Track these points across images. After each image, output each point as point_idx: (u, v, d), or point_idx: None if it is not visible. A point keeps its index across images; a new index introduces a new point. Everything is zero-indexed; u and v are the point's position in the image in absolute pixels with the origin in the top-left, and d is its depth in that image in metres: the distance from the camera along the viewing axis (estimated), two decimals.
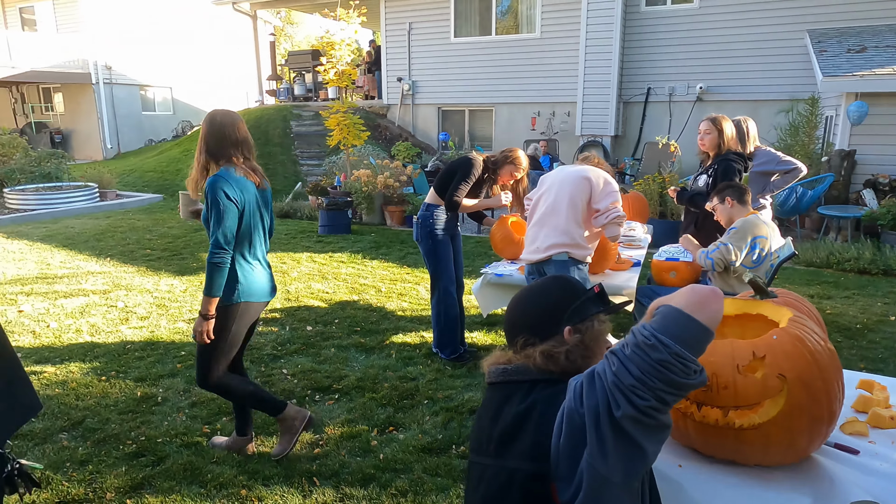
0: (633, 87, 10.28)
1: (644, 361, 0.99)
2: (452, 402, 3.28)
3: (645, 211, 5.01)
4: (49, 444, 2.85)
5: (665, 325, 1.02)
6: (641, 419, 0.99)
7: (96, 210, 9.71)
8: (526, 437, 1.15)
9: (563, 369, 1.23)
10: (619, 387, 1.00)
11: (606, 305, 1.34)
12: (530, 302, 1.35)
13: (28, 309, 4.77)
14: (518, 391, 1.23)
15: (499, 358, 1.33)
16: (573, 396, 1.09)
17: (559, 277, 1.41)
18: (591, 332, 1.29)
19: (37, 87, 18.11)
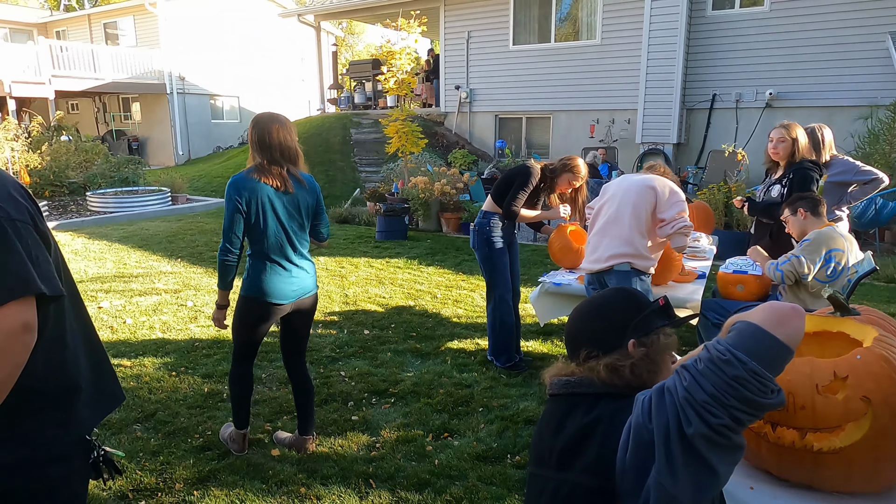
0: (698, 93, 9.97)
1: (718, 377, 0.95)
2: (508, 411, 3.26)
3: (710, 221, 4.84)
4: (124, 434, 3.02)
5: (742, 341, 0.98)
6: (714, 438, 0.95)
7: (168, 213, 10.22)
8: (590, 451, 1.13)
9: (629, 383, 1.21)
10: (691, 403, 0.97)
11: (672, 319, 1.31)
12: (593, 314, 1.34)
13: (106, 305, 5.07)
14: (581, 404, 1.21)
15: (561, 369, 1.31)
16: (641, 411, 1.06)
17: (623, 289, 1.39)
18: (657, 345, 1.26)
19: (117, 97, 19.28)
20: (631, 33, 10.36)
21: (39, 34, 18.65)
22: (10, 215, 1.13)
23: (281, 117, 2.62)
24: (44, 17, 20.36)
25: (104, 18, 19.12)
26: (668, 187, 2.98)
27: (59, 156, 11.26)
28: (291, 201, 2.59)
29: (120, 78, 16.71)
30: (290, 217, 2.59)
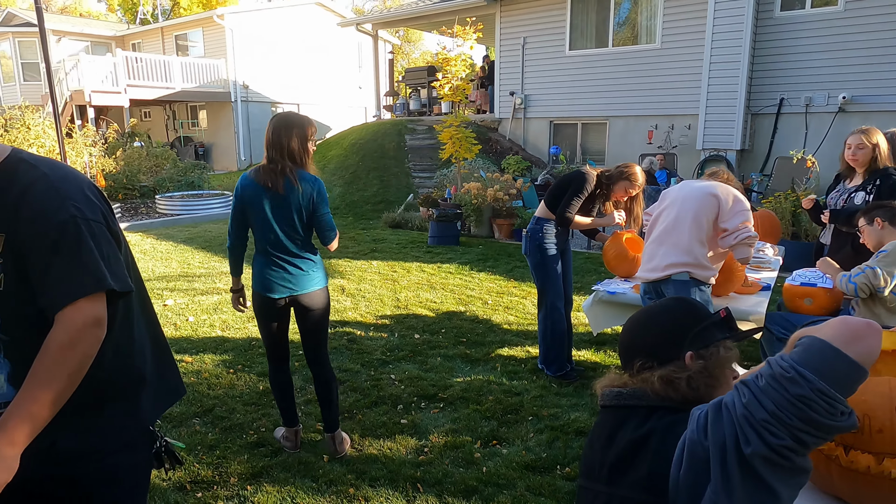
0: (764, 97, 9.56)
1: (781, 395, 0.90)
2: (558, 421, 3.20)
3: (776, 231, 4.62)
4: (184, 427, 3.14)
5: (808, 357, 0.92)
6: (775, 459, 0.90)
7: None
8: (641, 466, 1.09)
9: (685, 397, 1.16)
10: (750, 421, 0.92)
11: (733, 331, 1.25)
12: (650, 323, 1.29)
13: (171, 303, 5.30)
14: (634, 416, 1.18)
15: (613, 380, 1.28)
16: (696, 427, 1.01)
17: (681, 299, 1.34)
18: (717, 358, 1.20)
19: (186, 105, 20.22)
20: (692, 36, 10.05)
21: (117, 46, 19.80)
22: (85, 215, 1.19)
23: (292, 117, 2.64)
24: (121, 31, 21.61)
25: (176, 31, 20.12)
26: (731, 195, 2.86)
27: (131, 161, 11.91)
28: (282, 201, 2.60)
29: (189, 87, 17.54)
30: (279, 216, 2.63)
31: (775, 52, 9.36)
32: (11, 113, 10.92)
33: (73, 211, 1.17)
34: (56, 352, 1.14)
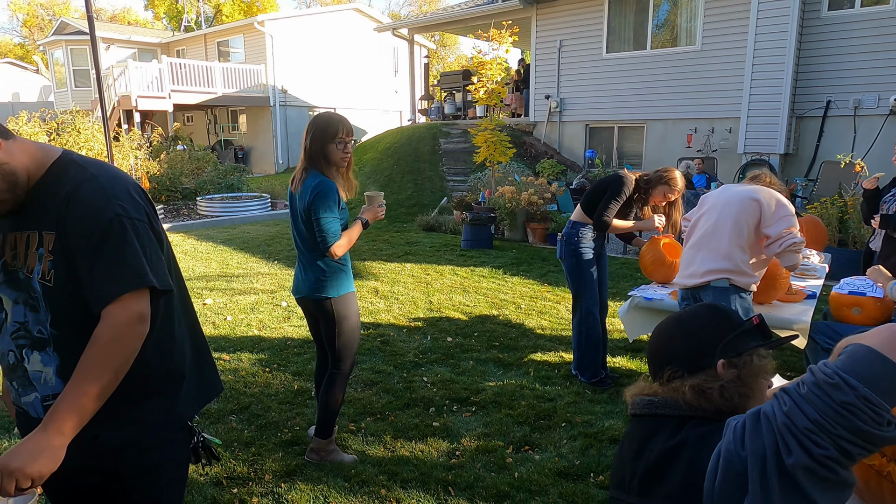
0: (809, 99, 9.26)
1: (824, 403, 0.85)
2: (592, 428, 3.15)
3: (822, 237, 4.46)
4: (221, 424, 3.20)
5: (853, 364, 0.87)
6: (818, 470, 0.85)
7: (268, 218, 10.83)
8: (673, 477, 1.06)
9: (718, 407, 1.12)
10: (792, 430, 0.87)
11: (768, 339, 1.21)
12: (680, 330, 1.26)
13: (210, 302, 5.43)
14: (665, 426, 1.14)
15: (643, 389, 1.25)
16: (733, 437, 0.97)
17: (713, 306, 1.30)
18: (750, 367, 1.16)
19: (227, 109, 20.75)
20: (734, 38, 9.81)
21: (162, 53, 20.47)
22: (130, 214, 1.23)
23: (318, 117, 2.61)
24: (167, 38, 22.31)
25: (218, 38, 20.67)
26: (773, 199, 2.77)
27: (174, 164, 12.27)
28: (295, 201, 2.68)
29: (230, 92, 17.99)
30: (293, 216, 2.71)
31: (822, 53, 9.06)
32: (63, 118, 11.38)
33: (118, 210, 1.21)
34: (102, 346, 1.18)
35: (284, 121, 19.26)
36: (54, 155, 1.27)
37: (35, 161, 1.24)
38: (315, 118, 2.63)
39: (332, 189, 2.51)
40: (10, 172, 1.20)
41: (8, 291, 1.28)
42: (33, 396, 1.30)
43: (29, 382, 1.30)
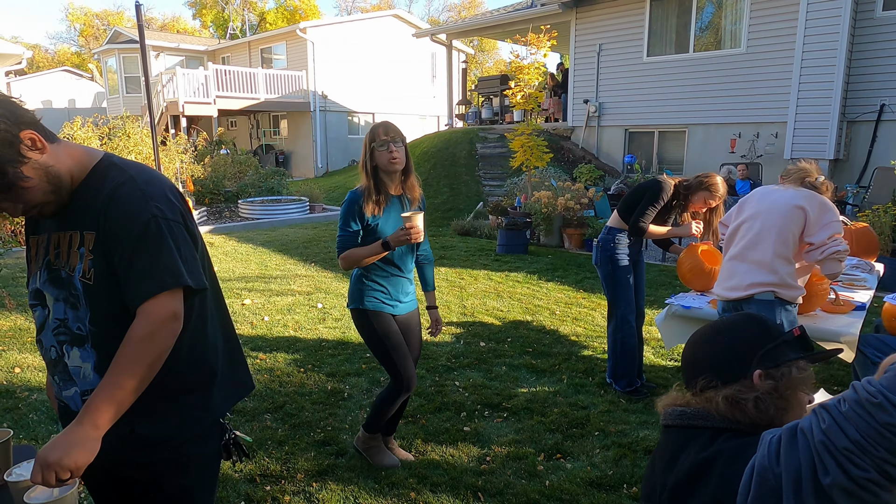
0: (862, 103, 8.90)
1: (866, 423, 0.81)
2: (626, 438, 3.09)
3: (874, 246, 4.26)
4: (256, 422, 3.26)
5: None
6: (857, 492, 0.82)
7: (306, 221, 11.02)
8: (705, 491, 1.03)
9: (753, 420, 1.09)
10: (830, 449, 0.84)
11: (809, 351, 1.17)
12: (715, 338, 1.22)
13: (248, 303, 5.55)
14: (698, 438, 1.11)
15: (676, 399, 1.22)
16: (767, 452, 0.94)
17: (751, 315, 1.27)
18: (788, 379, 1.12)
19: (269, 114, 21.24)
20: (782, 40, 9.51)
21: (209, 60, 21.10)
22: (166, 215, 1.27)
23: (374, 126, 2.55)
24: (213, 46, 23.02)
25: (262, 45, 21.21)
26: (817, 205, 2.63)
27: (218, 167, 12.62)
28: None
29: (272, 97, 18.43)
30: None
31: (876, 55, 8.69)
32: (114, 122, 11.84)
33: (155, 211, 1.25)
34: (137, 342, 1.21)
35: (324, 126, 19.59)
36: (96, 158, 1.32)
37: (78, 164, 1.29)
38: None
39: (347, 201, 2.46)
40: (55, 175, 1.25)
41: (51, 289, 1.33)
42: (73, 391, 1.35)
43: (69, 377, 1.35)
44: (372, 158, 2.45)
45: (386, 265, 2.57)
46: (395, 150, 2.41)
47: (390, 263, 2.57)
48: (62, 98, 27.63)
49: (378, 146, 2.42)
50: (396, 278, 2.61)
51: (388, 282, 2.59)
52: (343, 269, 2.43)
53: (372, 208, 2.43)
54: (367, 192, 2.44)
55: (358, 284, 2.60)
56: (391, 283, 2.60)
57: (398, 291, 2.63)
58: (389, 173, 2.47)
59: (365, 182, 2.46)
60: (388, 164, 2.43)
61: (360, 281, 2.59)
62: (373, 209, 2.43)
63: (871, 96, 8.81)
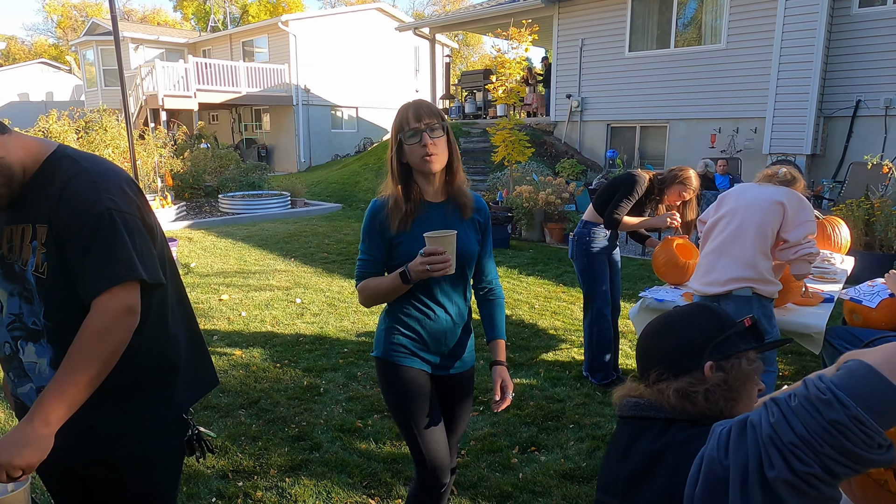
0: (838, 99, 9.03)
1: (813, 419, 0.82)
2: (600, 431, 3.11)
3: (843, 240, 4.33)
4: (230, 418, 3.24)
5: (849, 381, 0.83)
6: (800, 486, 0.82)
7: (287, 216, 10.94)
8: (656, 482, 1.04)
9: (702, 411, 1.10)
10: (776, 443, 0.84)
11: (760, 342, 1.17)
12: (667, 330, 1.22)
13: (226, 298, 5.50)
14: (650, 429, 1.12)
15: (630, 390, 1.22)
16: (717, 444, 0.94)
17: (704, 306, 1.26)
18: (738, 371, 1.13)
19: (251, 108, 21.02)
20: (760, 36, 9.61)
21: (189, 53, 20.82)
22: (120, 208, 1.25)
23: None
24: (193, 38, 22.69)
25: (243, 37, 20.96)
26: (797, 202, 2.66)
27: (198, 162, 12.46)
28: None
29: (254, 91, 18.22)
30: None
31: (852, 51, 8.82)
32: (91, 116, 11.64)
33: (109, 204, 1.23)
34: (91, 337, 1.19)
35: (307, 120, 19.44)
36: (49, 149, 1.29)
37: (30, 155, 1.26)
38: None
39: (367, 215, 1.77)
40: (5, 166, 1.22)
41: (4, 284, 1.30)
42: (28, 387, 1.33)
43: (24, 373, 1.32)
44: (400, 153, 1.72)
45: (422, 299, 1.79)
46: (430, 143, 1.67)
47: (429, 297, 1.79)
48: (39, 91, 27.10)
49: (408, 137, 1.69)
50: (438, 320, 1.80)
51: (423, 325, 1.80)
52: (361, 304, 1.83)
53: (399, 223, 1.72)
54: (393, 201, 1.73)
55: (383, 324, 1.87)
56: (429, 326, 1.80)
57: (439, 340, 1.82)
58: (425, 174, 1.75)
59: (392, 187, 1.75)
60: (421, 162, 1.69)
61: (385, 320, 1.86)
62: (400, 224, 1.72)
63: (847, 92, 8.94)
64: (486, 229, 1.88)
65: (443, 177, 1.78)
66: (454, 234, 1.63)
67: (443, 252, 1.59)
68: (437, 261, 1.59)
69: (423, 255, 1.60)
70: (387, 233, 1.74)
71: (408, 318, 1.80)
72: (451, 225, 1.77)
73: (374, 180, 12.98)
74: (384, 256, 1.77)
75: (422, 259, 1.60)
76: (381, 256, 1.77)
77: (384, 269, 1.79)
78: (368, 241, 1.77)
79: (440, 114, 1.73)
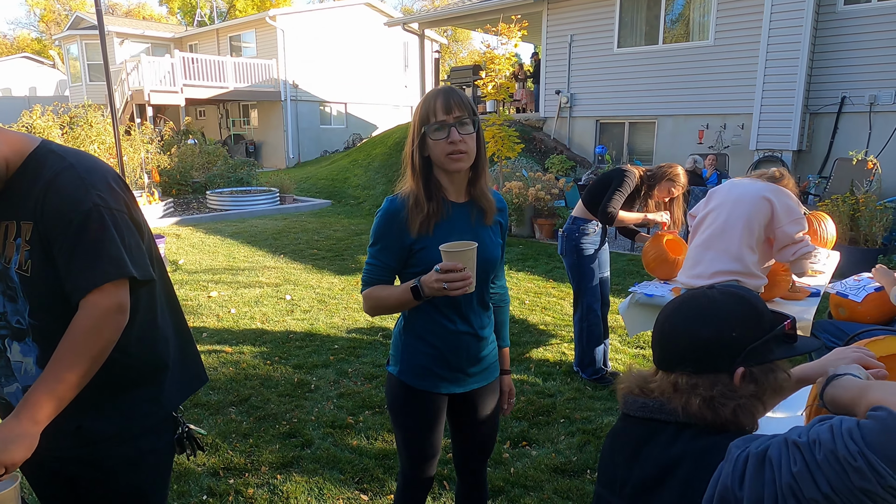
0: (824, 95, 9.12)
1: (840, 482, 0.75)
2: (590, 425, 3.13)
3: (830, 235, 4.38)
4: (220, 416, 3.22)
5: (882, 442, 0.74)
6: None
7: (276, 212, 10.87)
8: (668, 494, 0.98)
9: (724, 423, 0.99)
10: (797, 494, 0.78)
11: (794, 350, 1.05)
12: (701, 319, 1.04)
13: (215, 295, 5.46)
14: (662, 432, 1.04)
15: (638, 383, 1.12)
16: (732, 472, 0.87)
17: (743, 297, 1.08)
18: (772, 384, 1.01)
19: (238, 104, 20.84)
20: (748, 32, 9.68)
21: (175, 48, 20.57)
22: (109, 204, 1.23)
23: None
24: (180, 33, 22.44)
25: (230, 32, 20.75)
26: (786, 199, 2.68)
27: (185, 158, 12.34)
28: None
29: (241, 86, 18.07)
30: None
31: (838, 48, 8.91)
32: (76, 112, 11.49)
33: (97, 200, 1.21)
34: (80, 335, 1.18)
35: (295, 116, 19.32)
36: (33, 144, 1.26)
37: (14, 150, 1.24)
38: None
39: (381, 213, 1.59)
40: None
41: None
42: (15, 386, 1.31)
43: (10, 372, 1.30)
44: (423, 147, 1.54)
45: (443, 312, 1.62)
46: (459, 140, 1.50)
47: (453, 310, 1.62)
48: (22, 86, 26.70)
49: (433, 131, 1.51)
50: (460, 335, 1.65)
51: (443, 340, 1.64)
52: (366, 312, 1.66)
53: (420, 225, 1.54)
54: (413, 199, 1.56)
55: (401, 338, 1.70)
56: (451, 343, 1.64)
57: (461, 357, 1.66)
58: (450, 173, 1.57)
59: (411, 184, 1.57)
60: (447, 160, 1.52)
61: (403, 333, 1.69)
62: (421, 227, 1.55)
63: (832, 89, 9.03)
64: (505, 230, 1.75)
65: (466, 176, 1.61)
66: (475, 248, 1.43)
67: (462, 269, 1.40)
68: (456, 278, 1.39)
69: (439, 271, 1.41)
70: (406, 237, 1.55)
71: (426, 331, 1.63)
72: (476, 230, 1.62)
73: (364, 176, 12.93)
74: (396, 265, 1.59)
75: (437, 276, 1.41)
76: (392, 264, 1.59)
77: (394, 277, 1.62)
78: (381, 245, 1.58)
79: (471, 106, 1.53)
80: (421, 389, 1.66)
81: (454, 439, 1.88)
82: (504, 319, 1.86)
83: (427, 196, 1.54)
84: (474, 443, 1.84)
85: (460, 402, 1.75)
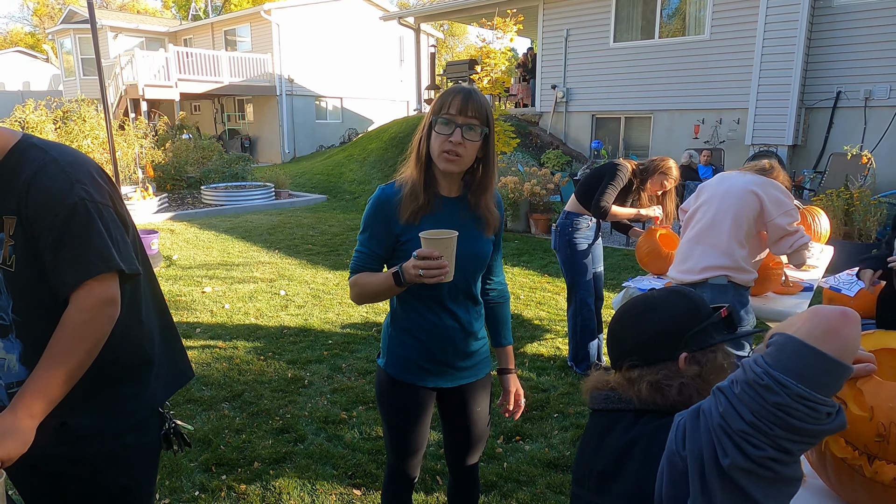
0: (819, 90, 9.12)
1: (758, 404, 0.81)
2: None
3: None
4: (213, 412, 3.21)
5: (781, 359, 0.82)
6: (755, 470, 0.82)
7: (271, 207, 10.84)
8: (627, 476, 1.02)
9: (674, 404, 1.06)
10: (727, 431, 0.84)
11: (734, 333, 1.14)
12: (642, 317, 1.16)
13: (209, 290, 5.45)
14: (621, 421, 1.10)
15: (599, 381, 1.19)
16: (675, 436, 0.94)
17: (679, 292, 1.19)
18: (713, 365, 1.09)
19: (233, 98, 20.75)
20: (743, 27, 9.67)
21: (170, 42, 20.47)
22: (94, 198, 1.21)
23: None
24: (174, 27, 22.29)
25: (225, 26, 20.63)
26: (774, 192, 2.67)
27: (179, 153, 12.28)
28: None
29: (236, 81, 17.97)
30: None
31: (833, 43, 8.91)
32: (69, 106, 11.41)
33: (82, 193, 1.20)
34: (73, 329, 1.17)
35: (291, 110, 19.24)
36: (15, 138, 1.25)
37: None
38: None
39: (372, 201, 1.60)
40: None
41: None
42: None
43: None
44: (430, 137, 1.54)
45: (427, 304, 1.62)
46: (459, 142, 1.48)
47: (436, 302, 1.61)
48: (16, 80, 26.54)
49: (439, 123, 1.49)
50: (446, 328, 1.63)
51: (428, 333, 1.63)
52: (352, 300, 1.65)
53: (410, 213, 1.54)
54: (410, 187, 1.55)
55: (388, 330, 1.72)
56: (435, 335, 1.63)
57: (447, 350, 1.65)
58: (444, 172, 1.55)
59: (413, 171, 1.57)
60: (439, 156, 1.51)
61: (391, 326, 1.70)
62: (411, 215, 1.54)
63: (828, 84, 9.04)
64: (501, 227, 1.71)
65: (460, 181, 1.61)
66: (454, 237, 1.41)
67: (438, 256, 1.37)
68: (432, 266, 1.37)
69: (416, 257, 1.40)
70: (394, 225, 1.55)
71: (413, 325, 1.63)
72: (464, 224, 1.57)
73: (359, 171, 12.90)
74: (384, 253, 1.59)
75: (414, 262, 1.40)
76: (380, 252, 1.59)
77: (382, 265, 1.61)
78: (370, 232, 1.59)
79: (488, 115, 1.51)
80: (406, 382, 1.67)
81: (445, 434, 1.89)
82: (505, 316, 1.83)
83: (424, 186, 1.55)
84: (465, 438, 1.83)
85: (450, 396, 1.75)
